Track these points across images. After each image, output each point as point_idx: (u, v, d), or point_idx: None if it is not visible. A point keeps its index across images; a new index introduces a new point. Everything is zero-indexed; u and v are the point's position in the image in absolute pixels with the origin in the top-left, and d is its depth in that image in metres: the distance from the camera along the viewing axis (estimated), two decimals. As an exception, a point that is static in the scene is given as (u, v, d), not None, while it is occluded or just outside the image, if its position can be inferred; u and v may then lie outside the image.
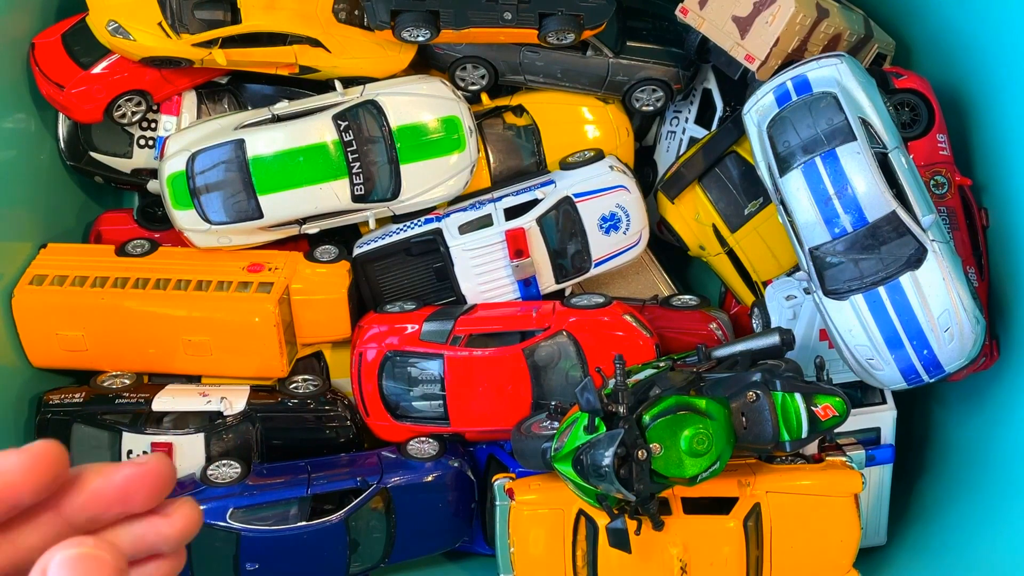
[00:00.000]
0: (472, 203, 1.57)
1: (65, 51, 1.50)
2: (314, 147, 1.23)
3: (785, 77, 1.37)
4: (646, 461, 1.16)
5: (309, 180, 1.28)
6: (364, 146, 1.27)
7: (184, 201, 1.37)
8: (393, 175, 1.25)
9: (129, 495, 0.61)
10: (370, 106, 1.36)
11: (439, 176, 1.26)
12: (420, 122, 1.14)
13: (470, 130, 1.08)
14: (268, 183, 1.28)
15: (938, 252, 1.29)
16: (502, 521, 1.34)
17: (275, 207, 1.28)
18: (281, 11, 1.46)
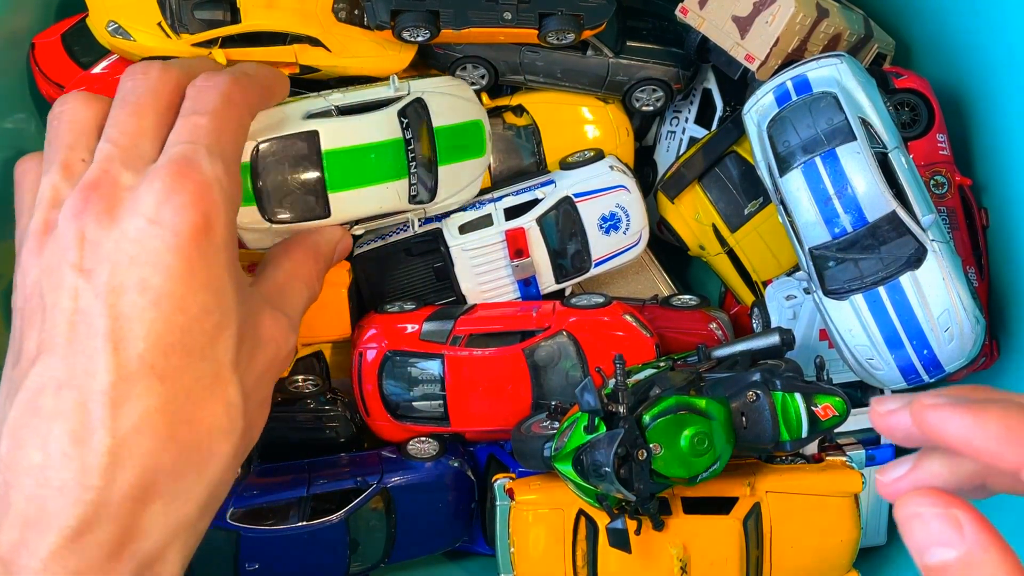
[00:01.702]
0: (472, 203, 1.57)
1: (65, 51, 1.50)
2: (384, 144, 1.15)
3: (785, 77, 1.38)
4: (646, 461, 1.17)
5: (378, 179, 1.17)
6: (417, 145, 1.20)
7: (245, 196, 1.20)
8: (433, 176, 1.17)
9: None
10: (417, 104, 1.29)
11: (465, 180, 1.18)
12: (454, 123, 1.09)
13: (489, 135, 1.05)
14: (340, 180, 1.15)
15: (938, 252, 1.30)
16: (502, 521, 1.34)
17: (343, 206, 1.17)
18: (281, 10, 1.46)
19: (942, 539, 0.49)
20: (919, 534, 0.50)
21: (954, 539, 0.49)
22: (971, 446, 0.54)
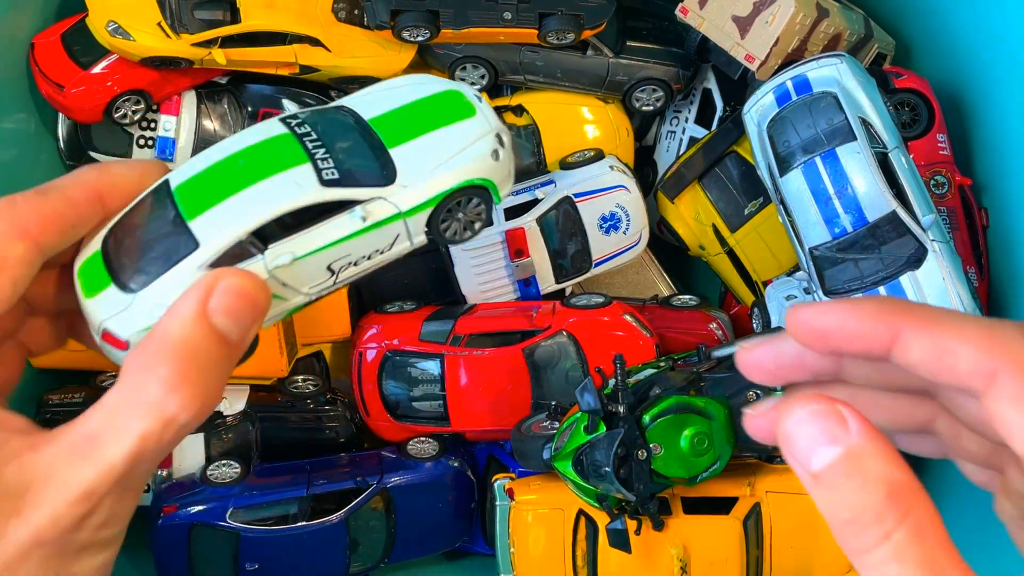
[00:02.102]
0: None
1: (65, 51, 1.50)
2: (259, 144, 0.70)
3: (785, 77, 1.37)
4: (646, 461, 1.17)
5: (256, 177, 0.70)
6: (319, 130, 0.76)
7: (100, 281, 0.71)
8: (374, 157, 0.74)
9: None
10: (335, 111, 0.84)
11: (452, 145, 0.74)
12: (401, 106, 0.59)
13: (478, 97, 0.66)
14: (200, 202, 0.68)
15: (938, 252, 1.29)
16: (502, 521, 1.34)
17: (216, 227, 0.68)
18: (280, 10, 1.46)
19: (827, 436, 0.47)
20: (802, 439, 0.47)
21: (839, 433, 0.47)
22: (845, 329, 0.53)
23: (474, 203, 0.73)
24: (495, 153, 0.71)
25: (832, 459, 0.47)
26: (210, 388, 0.57)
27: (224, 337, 0.58)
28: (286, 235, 0.67)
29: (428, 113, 0.73)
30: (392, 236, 0.72)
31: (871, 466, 0.47)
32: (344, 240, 0.69)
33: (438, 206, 0.71)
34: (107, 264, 0.66)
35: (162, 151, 1.58)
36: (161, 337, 0.57)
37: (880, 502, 0.46)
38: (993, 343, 0.50)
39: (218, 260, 0.65)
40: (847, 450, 0.47)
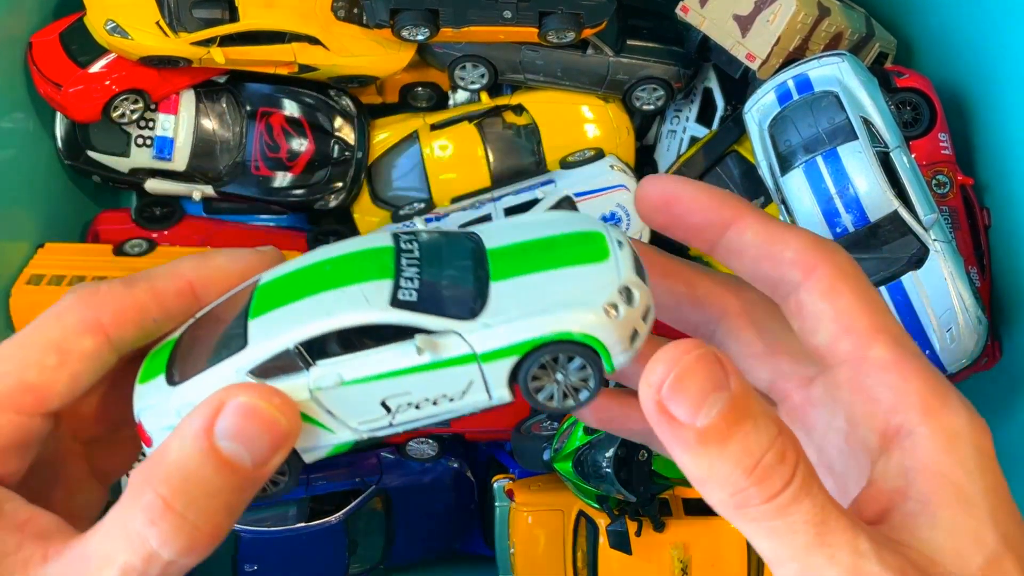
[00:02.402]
0: (472, 203, 1.57)
1: (63, 50, 1.50)
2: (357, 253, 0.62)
3: (786, 76, 1.37)
4: (647, 462, 1.16)
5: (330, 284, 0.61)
6: (431, 256, 0.64)
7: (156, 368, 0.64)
8: (468, 289, 0.60)
9: None
10: (459, 234, 0.70)
11: (562, 290, 0.58)
12: (532, 239, 0.59)
13: (620, 243, 0.57)
14: (267, 302, 0.62)
15: (940, 252, 1.29)
16: (502, 522, 1.33)
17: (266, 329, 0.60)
18: (279, 9, 1.46)
19: (715, 380, 0.44)
20: (686, 399, 0.44)
21: (722, 374, 0.44)
22: (696, 199, 0.55)
23: (576, 364, 0.57)
24: (613, 308, 0.55)
25: (720, 411, 0.43)
26: (205, 521, 0.49)
27: (232, 463, 0.50)
28: (341, 354, 0.57)
29: (556, 251, 0.60)
30: (464, 382, 0.58)
31: (754, 405, 0.44)
32: (401, 373, 0.57)
33: (524, 357, 0.57)
34: (171, 353, 0.60)
35: (160, 151, 1.58)
36: (158, 457, 0.50)
37: (775, 439, 0.44)
38: (818, 245, 0.53)
39: (262, 367, 0.56)
40: (730, 399, 0.44)
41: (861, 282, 0.54)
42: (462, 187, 1.61)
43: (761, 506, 0.45)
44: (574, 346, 0.55)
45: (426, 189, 1.62)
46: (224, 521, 0.50)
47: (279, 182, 1.61)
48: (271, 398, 0.52)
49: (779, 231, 0.54)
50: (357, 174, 1.63)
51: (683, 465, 0.46)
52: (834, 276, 0.53)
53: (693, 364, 0.44)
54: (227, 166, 1.60)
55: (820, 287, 0.52)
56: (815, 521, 0.44)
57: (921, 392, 0.49)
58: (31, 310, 1.45)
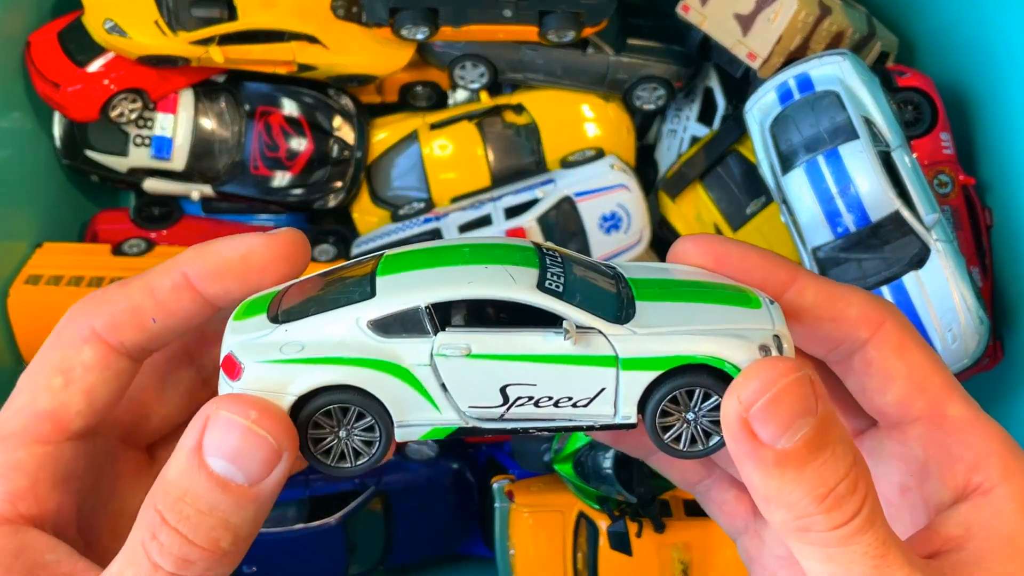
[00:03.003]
0: (472, 203, 1.56)
1: (61, 49, 1.49)
2: (502, 245, 0.60)
3: (787, 75, 1.36)
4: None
5: (472, 259, 0.58)
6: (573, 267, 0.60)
7: None
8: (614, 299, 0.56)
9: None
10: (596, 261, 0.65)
11: (717, 319, 0.56)
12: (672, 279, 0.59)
13: (769, 300, 0.55)
14: (401, 263, 0.58)
15: (942, 252, 1.28)
16: (501, 523, 1.33)
17: (397, 287, 0.57)
18: (278, 8, 1.45)
19: (804, 406, 0.43)
20: (775, 421, 0.42)
21: (811, 400, 0.43)
22: (748, 258, 0.54)
23: (711, 403, 0.52)
24: (766, 351, 0.51)
25: (806, 433, 0.43)
26: (201, 538, 0.48)
27: (224, 482, 0.48)
28: (476, 326, 0.54)
29: (706, 290, 0.55)
30: (595, 387, 0.53)
31: (836, 432, 0.44)
32: (535, 359, 0.53)
33: (664, 374, 0.52)
34: (276, 297, 0.56)
35: (159, 150, 1.57)
36: (162, 473, 0.49)
37: (850, 468, 0.43)
38: (878, 302, 0.53)
39: (385, 320, 0.52)
40: (818, 419, 0.43)
41: (922, 339, 0.54)
42: (462, 187, 1.61)
43: (824, 533, 0.44)
44: (720, 380, 0.51)
45: (426, 189, 1.62)
46: (223, 536, 0.48)
47: (278, 182, 1.61)
48: (258, 408, 0.49)
49: (838, 290, 0.54)
50: (356, 174, 1.62)
51: (749, 481, 0.45)
52: (902, 333, 0.52)
53: (790, 387, 0.43)
54: (226, 166, 1.59)
55: (890, 344, 0.52)
56: (875, 554, 0.43)
57: (1001, 453, 0.50)
58: (29, 310, 1.44)
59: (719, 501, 0.62)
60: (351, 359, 0.52)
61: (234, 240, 0.57)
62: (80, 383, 0.53)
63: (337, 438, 0.53)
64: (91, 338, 0.54)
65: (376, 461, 0.54)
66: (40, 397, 0.53)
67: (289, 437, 0.49)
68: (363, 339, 0.52)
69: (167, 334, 0.56)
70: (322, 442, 0.53)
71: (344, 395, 0.52)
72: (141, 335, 0.55)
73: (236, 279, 0.56)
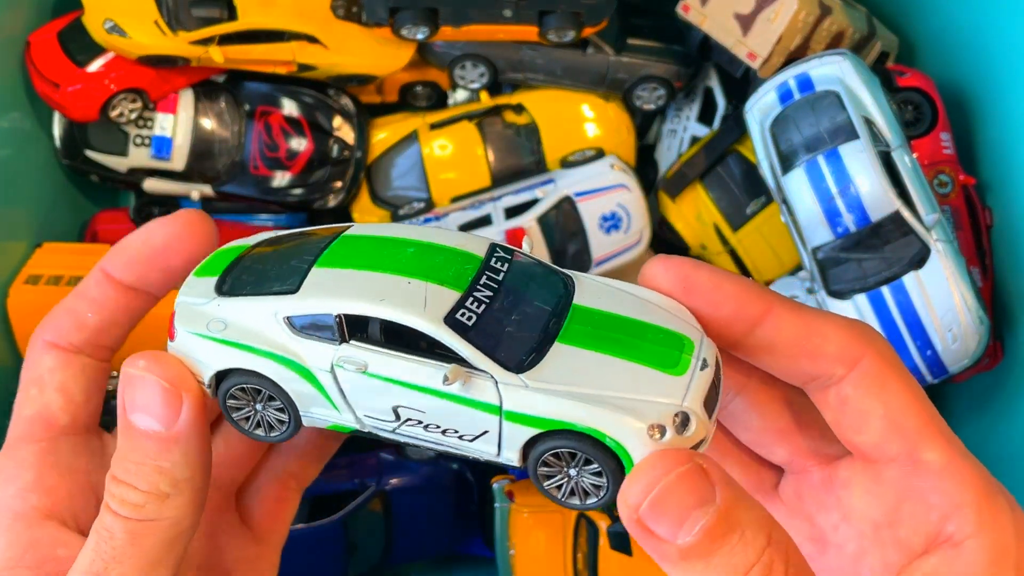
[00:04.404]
0: (472, 203, 1.56)
1: (61, 49, 1.49)
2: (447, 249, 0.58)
3: (788, 75, 1.36)
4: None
5: (402, 269, 0.57)
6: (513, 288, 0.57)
7: None
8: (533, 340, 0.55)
9: None
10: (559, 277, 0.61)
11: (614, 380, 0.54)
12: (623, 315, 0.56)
13: (704, 363, 0.53)
14: (339, 258, 0.58)
15: (942, 252, 1.28)
16: (502, 523, 1.33)
17: (320, 286, 0.57)
18: (278, 7, 1.45)
19: (699, 497, 0.42)
20: (666, 519, 0.42)
21: (708, 490, 0.43)
22: (721, 288, 0.51)
23: (593, 467, 0.52)
24: (659, 430, 0.49)
25: (705, 523, 0.42)
26: (146, 484, 0.53)
27: (144, 432, 0.54)
28: (379, 345, 0.54)
29: (637, 340, 0.53)
30: (478, 428, 0.54)
31: (744, 516, 0.43)
32: (422, 391, 0.53)
33: (542, 435, 0.52)
34: (235, 260, 0.60)
35: (159, 150, 1.57)
36: None
37: (762, 551, 0.42)
38: (859, 334, 0.51)
39: (300, 319, 0.55)
40: (718, 508, 0.42)
41: (904, 373, 0.51)
42: (462, 187, 1.61)
43: None
44: (600, 450, 0.50)
45: (425, 189, 1.62)
46: (160, 480, 0.53)
47: (278, 182, 1.61)
48: (156, 363, 0.55)
49: (815, 322, 0.51)
50: (356, 173, 1.62)
51: (666, 570, 0.45)
52: (881, 370, 0.50)
53: (677, 482, 0.43)
54: (226, 166, 1.59)
55: (868, 381, 0.50)
56: None
57: (976, 502, 0.49)
58: (29, 310, 1.44)
59: None
60: (262, 351, 0.55)
61: (140, 230, 0.63)
62: (51, 385, 0.61)
63: (254, 410, 0.58)
64: (46, 348, 0.62)
65: (287, 437, 0.58)
66: (25, 407, 0.61)
67: (183, 379, 0.55)
68: (277, 333, 0.55)
69: (108, 326, 0.64)
70: (241, 410, 0.58)
71: (255, 380, 0.56)
72: (84, 331, 0.63)
73: (144, 264, 0.62)
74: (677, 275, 0.53)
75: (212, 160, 1.59)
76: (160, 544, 0.53)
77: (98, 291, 0.63)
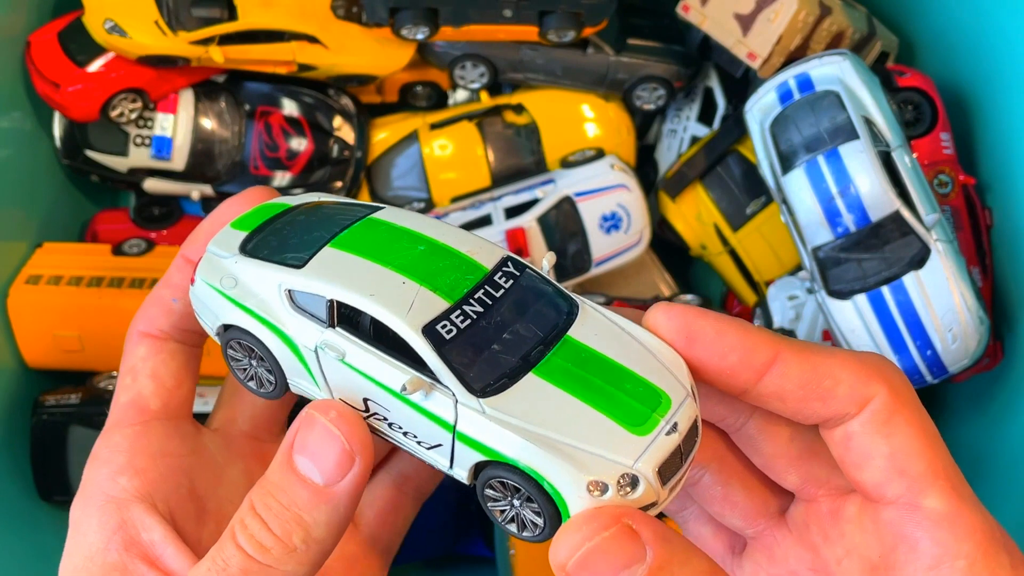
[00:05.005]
0: (472, 203, 1.56)
1: (61, 49, 1.49)
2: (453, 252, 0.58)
3: (787, 75, 1.36)
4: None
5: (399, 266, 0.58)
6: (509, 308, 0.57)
7: None
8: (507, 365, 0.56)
9: None
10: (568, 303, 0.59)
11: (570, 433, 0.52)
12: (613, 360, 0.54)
13: (672, 428, 0.52)
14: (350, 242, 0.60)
15: (942, 252, 1.28)
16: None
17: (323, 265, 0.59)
18: (278, 8, 1.45)
19: (627, 558, 0.43)
20: (605, 568, 0.43)
21: (637, 550, 0.43)
22: (725, 338, 0.49)
23: (534, 505, 0.51)
24: (599, 488, 0.48)
25: None
26: (280, 530, 0.52)
27: (304, 478, 0.54)
28: (363, 337, 0.56)
29: (615, 389, 0.51)
30: (433, 439, 0.55)
31: (680, 571, 0.43)
32: (386, 389, 0.55)
33: (489, 464, 0.52)
34: (269, 220, 0.62)
35: (159, 150, 1.57)
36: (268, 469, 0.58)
37: None
38: (870, 371, 0.49)
39: (297, 295, 0.57)
40: (651, 565, 0.43)
41: (916, 412, 0.50)
42: (462, 187, 1.61)
43: None
44: (540, 493, 0.50)
45: (426, 189, 1.62)
46: (296, 532, 0.51)
47: (278, 182, 1.61)
48: (334, 411, 0.53)
49: (824, 363, 0.50)
50: (356, 174, 1.62)
51: None
52: (891, 409, 0.49)
53: (602, 545, 0.43)
54: (226, 166, 1.59)
55: (876, 421, 0.49)
56: None
57: (972, 555, 0.47)
58: (29, 310, 1.44)
59: (695, 534, 0.61)
60: (261, 317, 0.58)
61: (213, 211, 0.66)
62: (144, 372, 0.64)
63: (249, 364, 0.61)
64: (139, 338, 0.66)
65: (275, 397, 0.61)
66: (121, 395, 0.64)
67: (363, 445, 0.53)
68: (277, 303, 0.58)
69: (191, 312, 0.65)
70: (239, 362, 0.61)
71: (249, 339, 0.59)
72: (171, 317, 0.66)
73: None
74: (680, 325, 0.52)
75: (212, 160, 1.59)
76: None
77: (180, 277, 0.66)
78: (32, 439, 1.40)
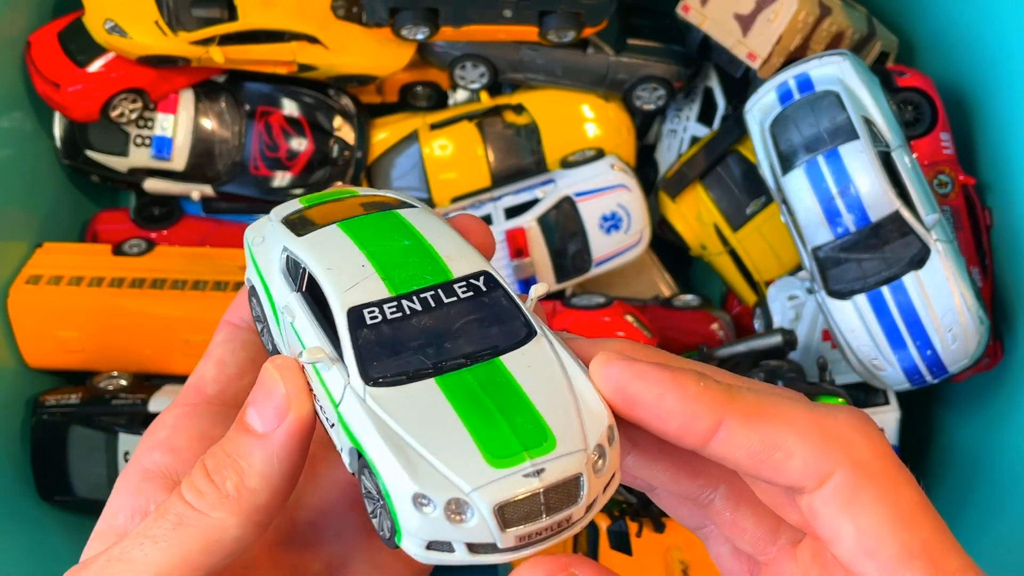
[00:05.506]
0: (472, 203, 1.56)
1: (61, 49, 1.49)
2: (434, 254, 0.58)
3: (787, 75, 1.36)
4: (647, 463, 1.15)
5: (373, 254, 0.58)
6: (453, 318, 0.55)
7: None
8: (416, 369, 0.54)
9: None
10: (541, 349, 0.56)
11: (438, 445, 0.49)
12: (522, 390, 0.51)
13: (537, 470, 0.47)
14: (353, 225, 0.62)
15: (942, 252, 1.28)
16: (502, 523, 1.33)
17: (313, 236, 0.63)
18: (278, 8, 1.45)
19: None
20: None
21: None
22: (662, 404, 0.46)
23: (380, 505, 0.50)
24: (424, 501, 0.46)
25: None
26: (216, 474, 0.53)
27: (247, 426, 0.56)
28: (313, 308, 0.58)
29: (505, 415, 0.48)
30: (328, 416, 0.54)
31: None
32: None
33: (356, 450, 0.51)
34: (324, 201, 0.65)
35: (159, 150, 1.57)
36: None
37: None
38: (829, 439, 0.45)
39: (288, 256, 0.60)
40: None
41: (889, 484, 0.45)
42: (462, 187, 1.61)
43: None
44: (380, 496, 0.48)
45: (426, 189, 1.62)
46: (230, 476, 0.52)
47: (278, 182, 1.61)
48: (279, 360, 0.54)
49: (775, 432, 0.45)
50: (357, 174, 1.62)
51: None
52: (854, 486, 0.44)
53: None
54: (226, 166, 1.60)
55: (838, 500, 0.44)
56: None
57: None
58: (29, 310, 1.44)
59: (715, 553, 0.59)
60: (261, 275, 0.62)
61: None
62: (213, 356, 0.65)
63: (261, 322, 0.63)
64: (222, 324, 0.67)
65: (271, 353, 0.62)
66: (192, 376, 0.65)
67: (298, 393, 0.54)
68: (277, 264, 0.61)
69: None
70: (260, 321, 0.64)
71: (255, 297, 0.63)
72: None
73: None
74: (617, 387, 0.48)
75: (213, 160, 1.59)
76: (195, 542, 0.50)
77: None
78: (32, 439, 1.40)
